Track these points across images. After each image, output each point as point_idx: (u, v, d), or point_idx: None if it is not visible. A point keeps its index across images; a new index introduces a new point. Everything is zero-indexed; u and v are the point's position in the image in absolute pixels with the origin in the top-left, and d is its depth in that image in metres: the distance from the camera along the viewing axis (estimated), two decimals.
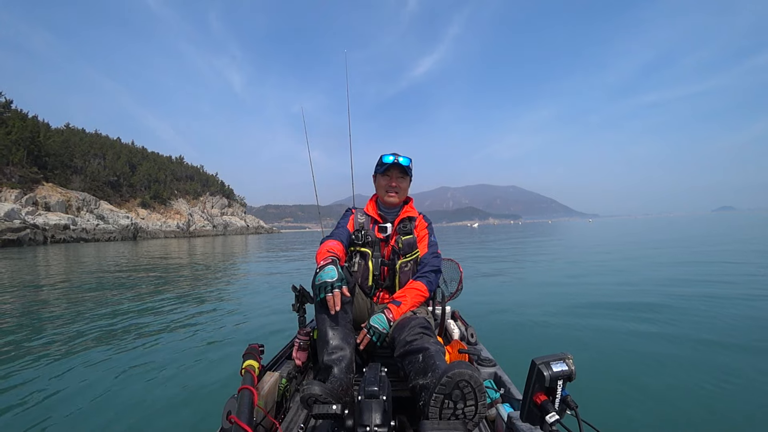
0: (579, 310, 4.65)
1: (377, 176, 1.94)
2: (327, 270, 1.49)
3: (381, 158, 1.89)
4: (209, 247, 25.47)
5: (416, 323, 1.51)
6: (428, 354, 1.30)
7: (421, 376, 1.24)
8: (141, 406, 2.47)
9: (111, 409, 2.45)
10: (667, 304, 4.72)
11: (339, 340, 1.45)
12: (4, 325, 4.69)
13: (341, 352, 1.43)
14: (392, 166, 1.85)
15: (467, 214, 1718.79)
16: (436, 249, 1.92)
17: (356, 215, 1.96)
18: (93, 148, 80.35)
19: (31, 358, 3.40)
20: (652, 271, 7.78)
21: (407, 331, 1.47)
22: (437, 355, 1.29)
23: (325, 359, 1.42)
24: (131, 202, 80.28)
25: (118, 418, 2.32)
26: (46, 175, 58.91)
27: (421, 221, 1.98)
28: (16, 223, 38.64)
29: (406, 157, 1.86)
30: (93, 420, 2.32)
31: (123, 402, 2.54)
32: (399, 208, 1.97)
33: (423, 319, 1.58)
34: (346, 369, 1.40)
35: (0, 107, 59.45)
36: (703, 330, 3.70)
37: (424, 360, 1.29)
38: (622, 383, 2.64)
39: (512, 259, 11.60)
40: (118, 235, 57.01)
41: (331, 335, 1.46)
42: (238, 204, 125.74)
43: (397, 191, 1.89)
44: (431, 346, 1.34)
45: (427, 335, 1.44)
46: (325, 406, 1.16)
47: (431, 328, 1.55)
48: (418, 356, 1.33)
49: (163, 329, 4.36)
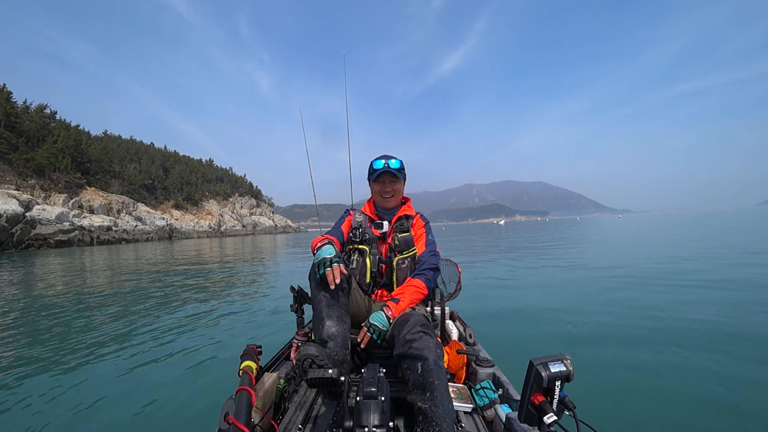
0: (579, 310, 4.59)
1: (370, 182, 1.95)
2: (324, 249, 1.58)
3: (371, 164, 1.89)
4: (238, 247, 25.99)
5: (416, 320, 1.49)
6: (427, 367, 1.27)
7: (419, 394, 1.23)
8: (137, 407, 2.46)
9: (107, 409, 2.44)
10: (668, 306, 4.59)
11: (335, 318, 1.48)
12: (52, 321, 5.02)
13: (336, 327, 1.46)
14: (383, 172, 1.85)
15: (493, 211, 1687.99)
16: (434, 247, 1.91)
17: (354, 215, 1.99)
18: (129, 154, 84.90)
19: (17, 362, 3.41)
20: (657, 268, 7.57)
21: (407, 328, 1.46)
22: (436, 370, 1.27)
23: (320, 335, 1.45)
24: (165, 204, 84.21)
25: (115, 418, 2.32)
26: (89, 180, 62.79)
27: (419, 220, 1.98)
28: (66, 226, 41.45)
29: (397, 160, 1.87)
30: (91, 420, 2.31)
31: (120, 402, 2.54)
32: (396, 208, 1.99)
33: (422, 316, 1.57)
34: (342, 344, 1.43)
35: (46, 118, 64.03)
36: (711, 330, 3.66)
37: (422, 374, 1.27)
38: (621, 384, 2.62)
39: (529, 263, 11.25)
40: (155, 236, 60.01)
41: (326, 313, 1.49)
42: (266, 204, 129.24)
43: (392, 195, 1.91)
44: (430, 356, 1.31)
45: (427, 334, 1.41)
46: (322, 370, 1.19)
47: (430, 326, 1.53)
48: (416, 365, 1.31)
49: (163, 329, 4.35)
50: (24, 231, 34.60)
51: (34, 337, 4.17)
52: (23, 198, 40.27)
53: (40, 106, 64.90)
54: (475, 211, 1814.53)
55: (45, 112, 64.72)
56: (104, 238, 47.59)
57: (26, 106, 62.91)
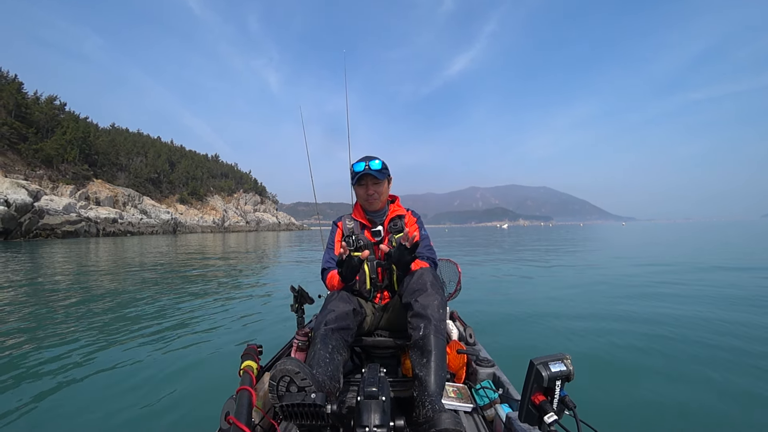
0: (578, 312, 4.58)
1: (354, 186, 1.90)
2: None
3: (352, 167, 1.85)
4: (241, 243, 25.88)
5: (424, 272, 1.59)
6: (428, 333, 1.40)
7: (418, 356, 1.40)
8: (137, 406, 2.43)
9: (103, 408, 2.41)
10: (668, 310, 4.58)
11: (343, 306, 1.53)
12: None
13: (341, 321, 1.49)
14: (363, 174, 1.80)
15: (497, 215, 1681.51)
16: (428, 242, 1.91)
17: (344, 222, 1.97)
18: (136, 147, 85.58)
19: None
20: (656, 276, 7.49)
21: (415, 277, 1.57)
22: (435, 338, 1.40)
23: (321, 328, 1.45)
24: (170, 198, 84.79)
25: (111, 418, 2.29)
26: (96, 172, 63.40)
27: (410, 217, 1.96)
28: (73, 217, 41.88)
29: (379, 161, 1.81)
30: (88, 420, 2.28)
31: (116, 402, 2.50)
32: (385, 209, 1.96)
33: (431, 272, 1.61)
34: (332, 373, 1.34)
35: (56, 109, 64.67)
36: (706, 330, 3.71)
37: (423, 337, 1.41)
38: (621, 383, 2.63)
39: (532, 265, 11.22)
40: (159, 229, 60.51)
41: (333, 305, 1.54)
42: (270, 201, 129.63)
43: (377, 197, 1.86)
44: (433, 317, 1.43)
45: (434, 290, 1.52)
46: (301, 394, 1.02)
47: (438, 283, 1.59)
48: (420, 325, 1.42)
49: (161, 326, 4.33)
50: (32, 220, 35.01)
51: (30, 333, 4.09)
52: (32, 188, 40.74)
53: (50, 97, 65.55)
54: (478, 214, 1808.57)
55: (55, 104, 65.37)
56: (110, 230, 48.04)
57: (36, 97, 63.55)
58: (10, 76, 59.89)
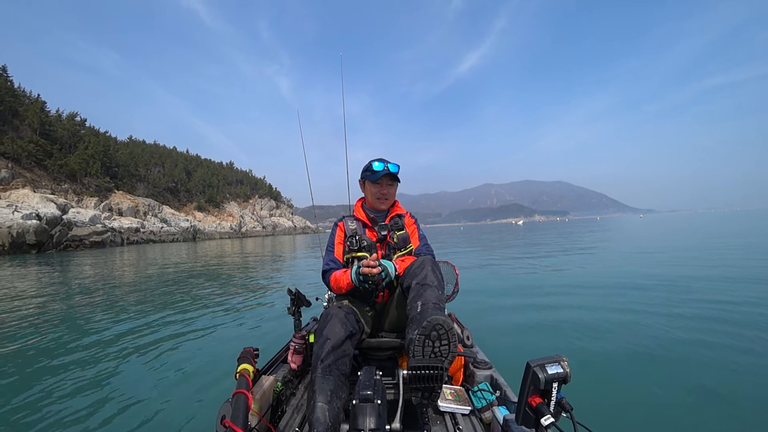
0: (579, 311, 4.52)
1: (366, 183, 1.96)
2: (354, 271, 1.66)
3: (370, 165, 1.91)
4: (258, 248, 25.98)
5: (426, 260, 1.62)
6: (426, 308, 1.40)
7: (416, 323, 1.35)
8: (132, 409, 2.42)
9: (101, 410, 2.42)
10: (666, 309, 4.48)
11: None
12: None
13: (338, 349, 1.33)
14: (384, 174, 1.87)
15: (512, 211, 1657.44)
16: (426, 241, 2.00)
17: (346, 223, 1.99)
18: (153, 158, 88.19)
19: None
20: (652, 269, 7.40)
21: (417, 262, 1.61)
22: (433, 307, 1.40)
23: (318, 368, 1.27)
24: (188, 206, 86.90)
25: (109, 421, 2.29)
26: (117, 184, 65.56)
27: (409, 218, 2.05)
28: (99, 227, 43.41)
29: (395, 164, 1.91)
30: (86, 422, 2.29)
31: (114, 404, 2.51)
32: (388, 210, 2.03)
33: (431, 260, 1.64)
34: (338, 386, 1.24)
35: (77, 126, 67.23)
36: (700, 328, 3.66)
37: (421, 312, 1.39)
38: (618, 385, 2.60)
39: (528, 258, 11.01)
40: (179, 237, 62.14)
41: (329, 331, 1.38)
42: (285, 205, 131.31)
43: (387, 198, 1.94)
44: (431, 299, 1.43)
45: (433, 275, 1.54)
46: None
47: (438, 271, 1.60)
48: (417, 304, 1.42)
49: (160, 331, 4.34)
50: (62, 233, 36.42)
51: (39, 337, 4.26)
52: (60, 201, 42.48)
53: (71, 114, 68.34)
54: (493, 211, 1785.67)
55: (76, 120, 68.03)
56: (133, 239, 49.63)
57: (59, 114, 66.32)
58: (33, 95, 62.67)
